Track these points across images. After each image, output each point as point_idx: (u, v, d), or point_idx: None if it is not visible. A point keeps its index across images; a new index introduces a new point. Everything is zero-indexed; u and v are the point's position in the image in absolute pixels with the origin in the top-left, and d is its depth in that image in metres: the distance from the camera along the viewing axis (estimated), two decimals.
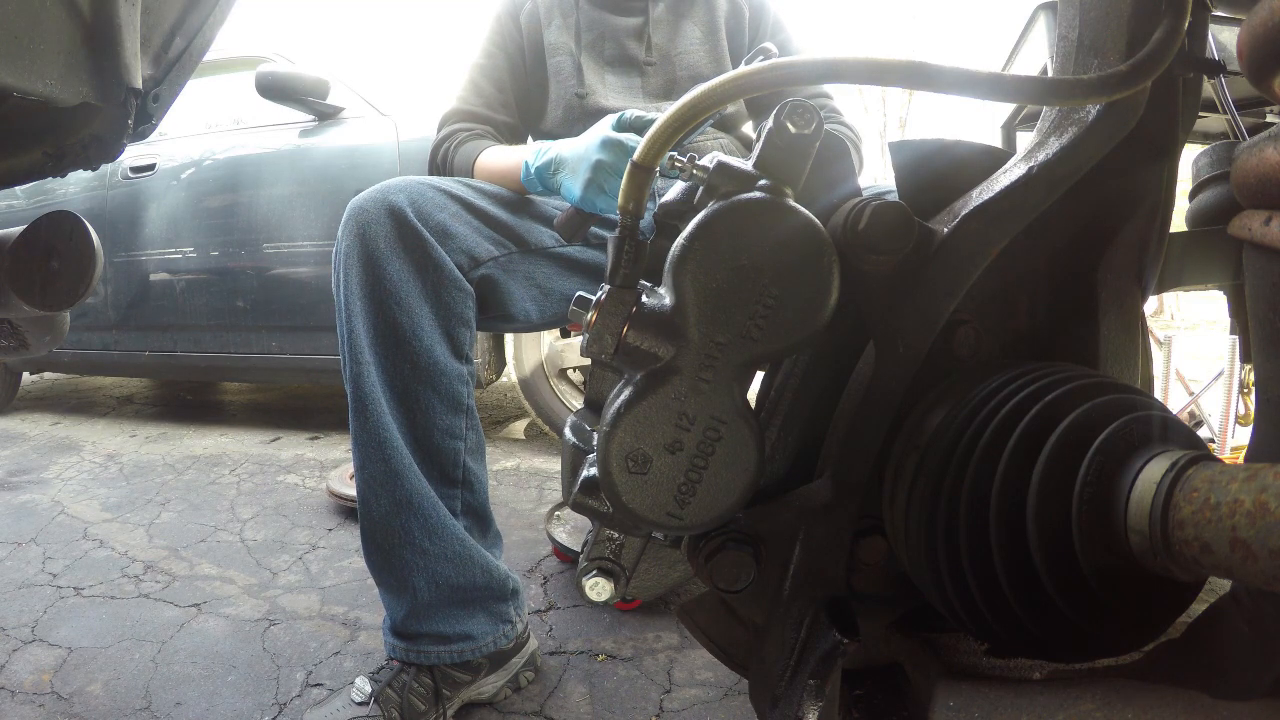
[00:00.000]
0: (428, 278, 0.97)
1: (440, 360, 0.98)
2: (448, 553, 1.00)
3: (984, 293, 0.55)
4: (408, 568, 0.99)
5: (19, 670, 1.27)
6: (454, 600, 1.02)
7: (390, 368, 0.97)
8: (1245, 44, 0.45)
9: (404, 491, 0.97)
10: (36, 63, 0.65)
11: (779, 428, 0.56)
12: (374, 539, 1.00)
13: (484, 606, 1.06)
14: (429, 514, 0.98)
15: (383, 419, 0.96)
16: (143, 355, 2.98)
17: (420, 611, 1.01)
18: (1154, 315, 6.95)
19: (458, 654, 1.03)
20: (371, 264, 0.95)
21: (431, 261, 0.96)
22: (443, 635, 1.02)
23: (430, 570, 0.99)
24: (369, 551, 1.01)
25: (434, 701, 1.03)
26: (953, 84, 0.46)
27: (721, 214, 0.46)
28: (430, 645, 1.02)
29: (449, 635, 1.02)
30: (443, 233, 0.98)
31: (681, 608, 0.65)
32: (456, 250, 0.99)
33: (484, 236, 1.04)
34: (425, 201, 0.99)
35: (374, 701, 1.00)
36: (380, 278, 0.95)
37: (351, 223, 0.97)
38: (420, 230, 0.96)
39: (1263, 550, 0.33)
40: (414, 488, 0.97)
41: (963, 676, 0.49)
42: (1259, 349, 0.51)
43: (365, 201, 0.98)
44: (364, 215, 0.97)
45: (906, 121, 17.46)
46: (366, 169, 2.53)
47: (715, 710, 1.13)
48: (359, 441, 0.98)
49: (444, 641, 1.02)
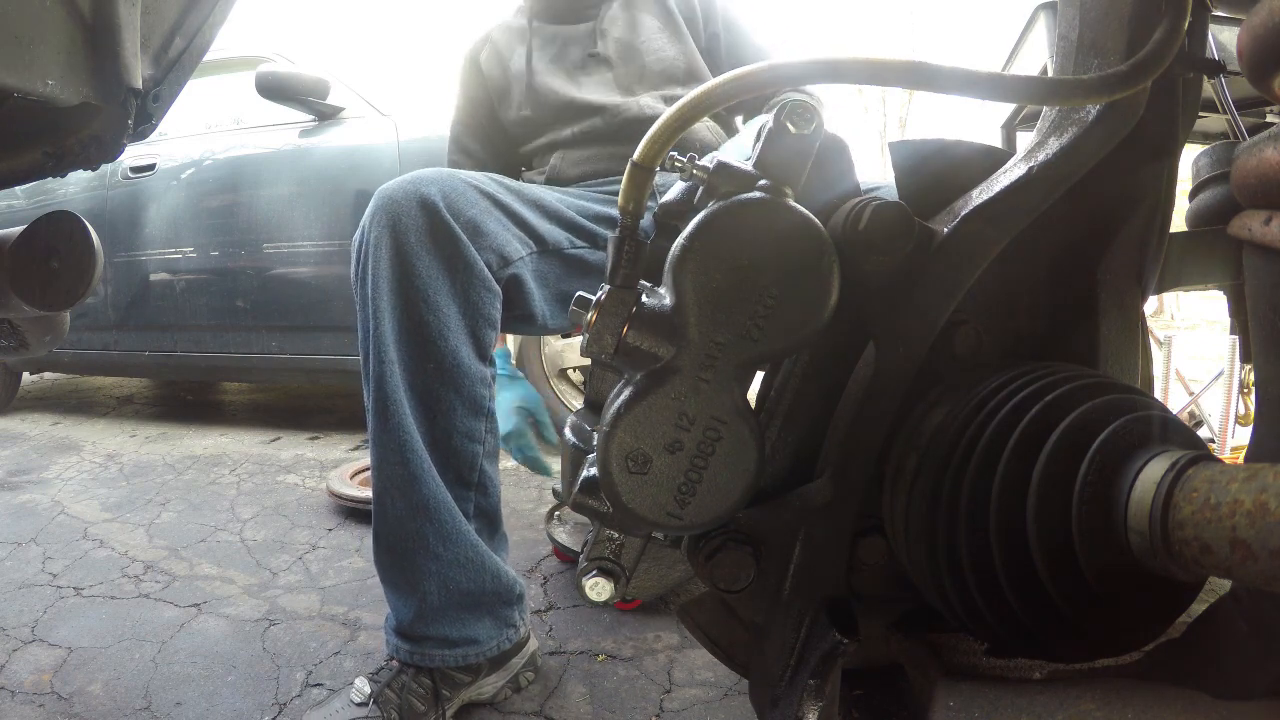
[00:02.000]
0: (457, 276, 0.95)
1: (464, 362, 0.96)
2: (460, 558, 0.99)
3: (984, 293, 0.55)
4: (420, 572, 0.98)
5: (19, 670, 1.27)
6: (463, 605, 1.01)
7: (414, 368, 0.95)
8: (1245, 44, 0.45)
9: (421, 496, 0.96)
10: (36, 63, 0.65)
11: (779, 428, 0.56)
12: (387, 540, 0.99)
13: (491, 611, 1.05)
14: (445, 519, 0.97)
15: (404, 421, 0.95)
16: (143, 355, 2.98)
17: (428, 615, 1.00)
18: (1154, 315, 6.95)
19: (461, 657, 1.02)
20: (401, 258, 0.93)
21: (462, 260, 0.94)
22: (448, 639, 1.01)
23: (442, 575, 0.98)
24: (380, 551, 1.00)
25: (434, 702, 1.02)
26: (953, 84, 0.46)
27: (721, 214, 0.46)
28: (435, 648, 1.01)
29: (455, 639, 1.02)
30: (474, 229, 0.96)
31: (681, 608, 0.65)
32: (487, 248, 0.97)
33: (513, 235, 1.03)
34: (457, 196, 0.96)
35: (373, 702, 1.00)
36: (410, 273, 0.93)
37: (381, 213, 0.94)
38: (452, 226, 0.94)
39: (1263, 550, 0.33)
40: (431, 492, 0.96)
41: (963, 676, 0.49)
42: (1259, 349, 0.51)
43: (396, 192, 0.94)
44: (395, 206, 0.93)
45: (906, 121, 17.45)
46: (366, 169, 2.53)
47: (715, 710, 1.13)
48: (378, 442, 0.96)
49: (449, 645, 1.02)
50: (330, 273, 2.60)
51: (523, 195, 1.09)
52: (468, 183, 1.00)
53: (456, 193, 0.97)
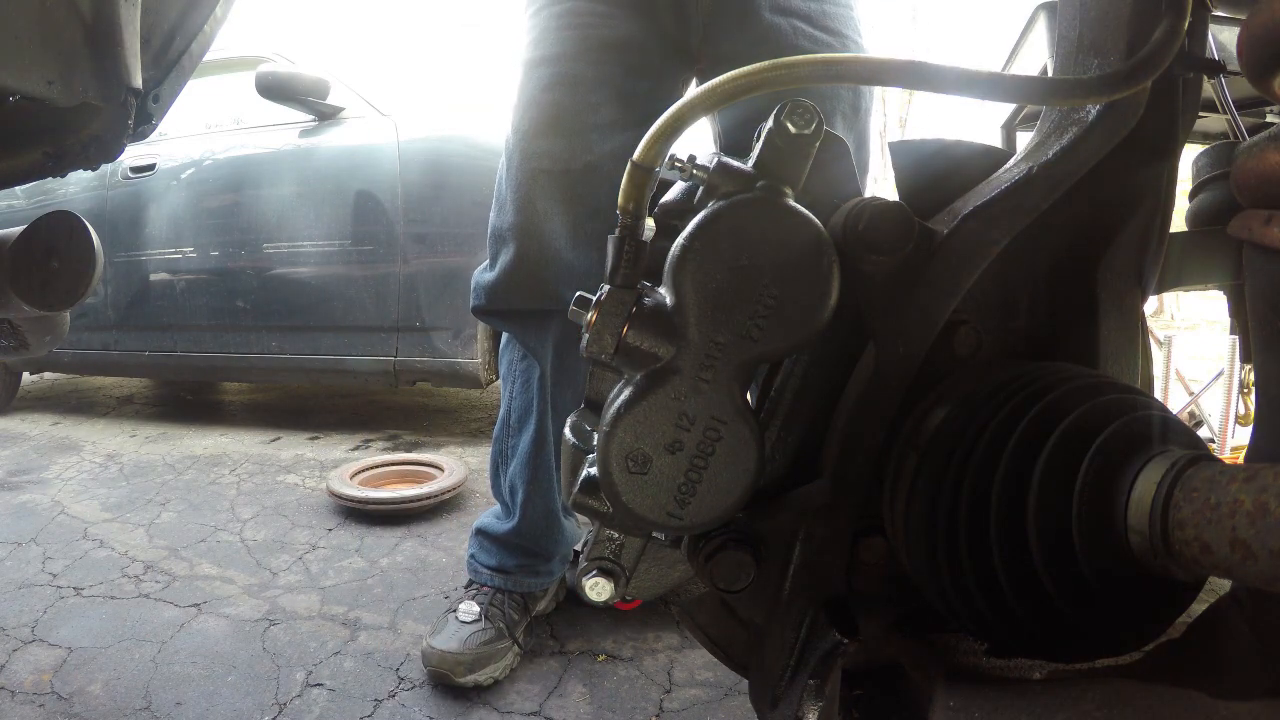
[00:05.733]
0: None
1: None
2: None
3: (984, 293, 0.55)
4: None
5: (19, 670, 1.27)
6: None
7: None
8: (1245, 44, 0.45)
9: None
10: (36, 63, 0.65)
11: (779, 428, 0.56)
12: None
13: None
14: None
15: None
16: (143, 355, 2.98)
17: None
18: (1154, 315, 6.94)
19: (540, 584, 1.36)
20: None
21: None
22: (535, 570, 1.34)
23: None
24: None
25: (524, 612, 1.33)
26: (953, 84, 0.46)
27: (721, 214, 0.45)
28: (525, 577, 1.33)
29: (539, 570, 1.35)
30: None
31: (681, 608, 0.65)
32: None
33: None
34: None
35: (483, 617, 1.27)
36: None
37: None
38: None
39: (1263, 550, 0.33)
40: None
41: (963, 676, 0.49)
42: (1259, 349, 0.51)
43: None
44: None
45: (906, 121, 17.44)
46: (367, 169, 2.53)
47: (715, 710, 1.13)
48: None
49: (534, 574, 1.34)
50: (330, 273, 2.60)
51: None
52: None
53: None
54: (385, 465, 2.26)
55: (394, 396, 3.56)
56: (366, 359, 2.58)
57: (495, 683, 1.22)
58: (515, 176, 1.14)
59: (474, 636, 1.23)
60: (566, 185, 1.11)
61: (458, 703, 1.18)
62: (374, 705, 1.18)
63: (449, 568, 1.68)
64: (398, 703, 1.19)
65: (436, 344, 2.47)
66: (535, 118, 1.12)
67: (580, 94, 1.10)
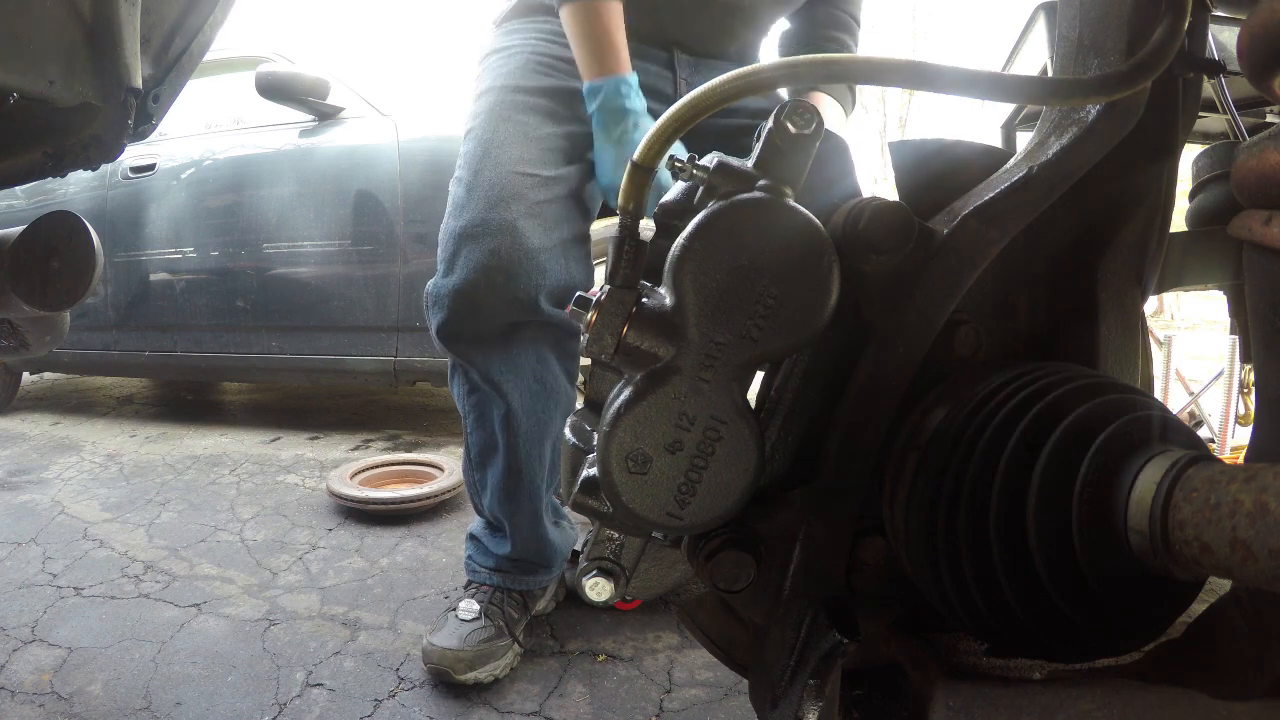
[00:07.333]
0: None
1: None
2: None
3: (984, 293, 0.55)
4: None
5: (19, 670, 1.27)
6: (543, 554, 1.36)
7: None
8: (1245, 44, 0.45)
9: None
10: (36, 63, 0.65)
11: (779, 428, 0.56)
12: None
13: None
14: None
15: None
16: (143, 355, 2.98)
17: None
18: (1154, 315, 6.95)
19: (539, 582, 1.37)
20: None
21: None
22: (535, 568, 1.36)
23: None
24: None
25: (524, 610, 1.34)
26: (953, 84, 0.46)
27: (721, 214, 0.45)
28: (523, 574, 1.35)
29: (537, 568, 1.36)
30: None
31: (681, 608, 0.65)
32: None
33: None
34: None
35: (483, 615, 1.28)
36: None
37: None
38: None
39: (1263, 550, 0.33)
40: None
41: (963, 676, 0.49)
42: (1259, 349, 0.50)
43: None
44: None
45: (906, 121, 17.45)
46: (367, 169, 2.53)
47: (715, 710, 1.13)
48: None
49: (532, 572, 1.35)
50: (330, 273, 2.60)
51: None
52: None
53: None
54: (385, 465, 2.26)
55: (394, 396, 3.56)
56: (367, 359, 2.58)
57: (495, 680, 1.22)
58: (485, 177, 1.14)
59: (474, 634, 1.24)
60: (537, 186, 1.14)
61: (458, 703, 1.18)
62: (374, 705, 1.18)
63: (449, 568, 1.68)
64: (398, 703, 1.19)
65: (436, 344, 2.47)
66: (509, 132, 1.18)
67: (542, 118, 1.20)
